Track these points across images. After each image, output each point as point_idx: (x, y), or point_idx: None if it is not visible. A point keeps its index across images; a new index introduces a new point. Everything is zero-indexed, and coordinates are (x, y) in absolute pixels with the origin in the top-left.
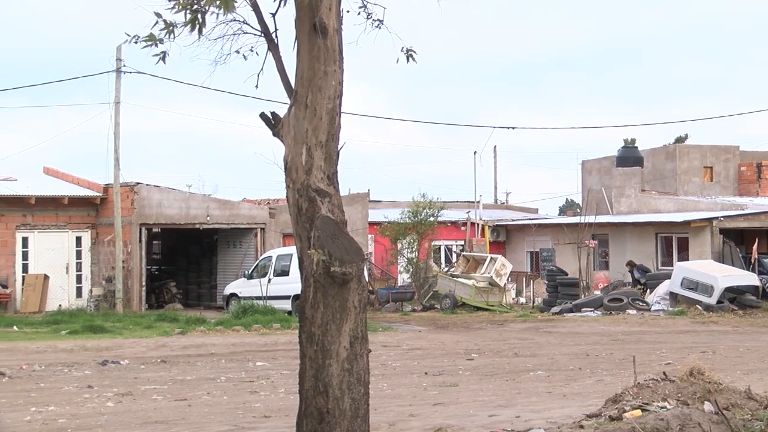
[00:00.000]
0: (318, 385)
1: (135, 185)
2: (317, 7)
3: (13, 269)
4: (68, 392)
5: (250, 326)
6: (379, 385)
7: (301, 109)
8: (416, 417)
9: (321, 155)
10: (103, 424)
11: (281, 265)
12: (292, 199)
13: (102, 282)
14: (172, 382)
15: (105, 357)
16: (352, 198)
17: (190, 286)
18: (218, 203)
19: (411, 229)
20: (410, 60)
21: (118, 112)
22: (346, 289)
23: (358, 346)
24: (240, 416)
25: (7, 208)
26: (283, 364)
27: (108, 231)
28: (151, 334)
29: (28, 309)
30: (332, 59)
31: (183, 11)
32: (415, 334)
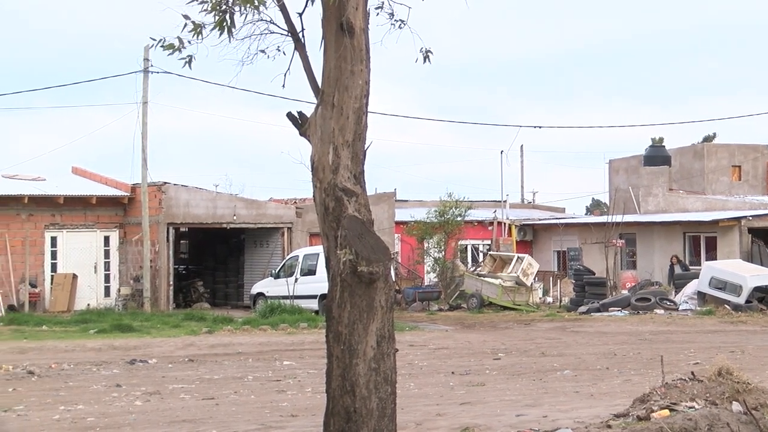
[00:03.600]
0: (345, 385)
1: (162, 185)
2: (344, 6)
3: (42, 268)
4: (97, 391)
5: (277, 325)
6: (406, 385)
7: (327, 109)
8: (443, 416)
9: (348, 154)
10: (131, 422)
11: (308, 264)
12: (319, 198)
13: (130, 281)
14: (200, 381)
15: (133, 356)
16: (378, 197)
17: (218, 285)
18: (245, 203)
19: (438, 229)
20: (427, 61)
21: (146, 112)
22: (373, 288)
23: (385, 345)
24: (267, 415)
25: (36, 207)
26: (310, 363)
27: (136, 230)
28: (179, 334)
29: (56, 308)
30: (359, 58)
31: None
32: (442, 334)
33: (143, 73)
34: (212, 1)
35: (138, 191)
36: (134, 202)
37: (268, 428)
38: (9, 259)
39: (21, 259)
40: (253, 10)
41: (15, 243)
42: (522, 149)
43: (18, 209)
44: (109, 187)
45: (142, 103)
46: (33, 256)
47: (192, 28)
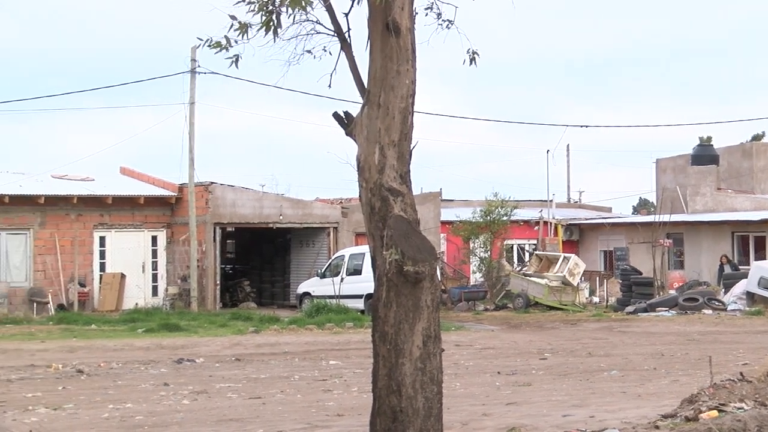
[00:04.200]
0: (391, 384)
1: (209, 185)
2: (390, 6)
3: (90, 268)
4: (145, 390)
5: (323, 325)
6: (452, 385)
7: (373, 109)
8: (489, 416)
9: (394, 154)
10: (179, 421)
11: (354, 264)
12: (365, 198)
13: (177, 281)
14: (247, 380)
15: (180, 355)
16: (424, 197)
17: (264, 284)
18: (291, 202)
19: (484, 228)
20: (473, 63)
21: (193, 113)
22: (419, 288)
23: (431, 345)
24: (313, 414)
25: (84, 207)
26: (356, 362)
27: (183, 230)
28: (226, 333)
29: (105, 307)
30: (405, 58)
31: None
32: (488, 334)
33: (190, 73)
34: (259, 2)
35: (185, 191)
36: (181, 202)
37: (315, 427)
38: (58, 258)
39: (70, 259)
40: (299, 10)
41: (64, 243)
42: (568, 148)
43: (67, 209)
44: (157, 188)
45: (189, 104)
46: (82, 255)
47: (238, 28)
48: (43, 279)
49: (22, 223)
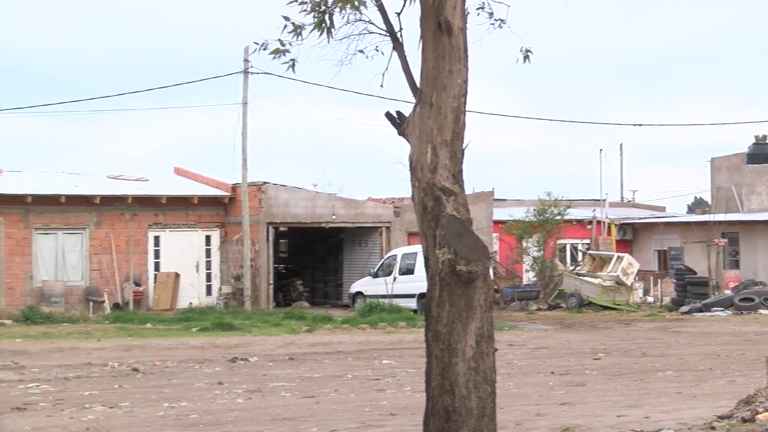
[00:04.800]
0: (444, 384)
1: (262, 185)
2: (442, 6)
3: (145, 267)
4: (199, 388)
5: (375, 324)
6: (505, 384)
7: (426, 108)
8: (543, 416)
9: (446, 154)
10: (233, 420)
11: (406, 263)
12: (417, 197)
13: (231, 280)
14: (300, 379)
15: (234, 354)
16: (476, 196)
17: (317, 284)
18: (343, 202)
19: (537, 228)
20: (527, 60)
21: (246, 113)
22: (472, 287)
23: (484, 344)
24: (367, 414)
25: (139, 207)
26: (409, 362)
27: (236, 230)
28: (279, 332)
29: (160, 306)
30: (457, 58)
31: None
32: (541, 333)
33: (243, 74)
34: (312, 2)
35: (238, 191)
36: (235, 202)
37: (368, 427)
38: (114, 258)
39: (125, 258)
40: (351, 10)
41: (119, 242)
42: (621, 147)
43: (122, 209)
44: (210, 187)
45: (242, 104)
46: (137, 255)
47: (292, 29)
48: (99, 278)
49: (79, 223)
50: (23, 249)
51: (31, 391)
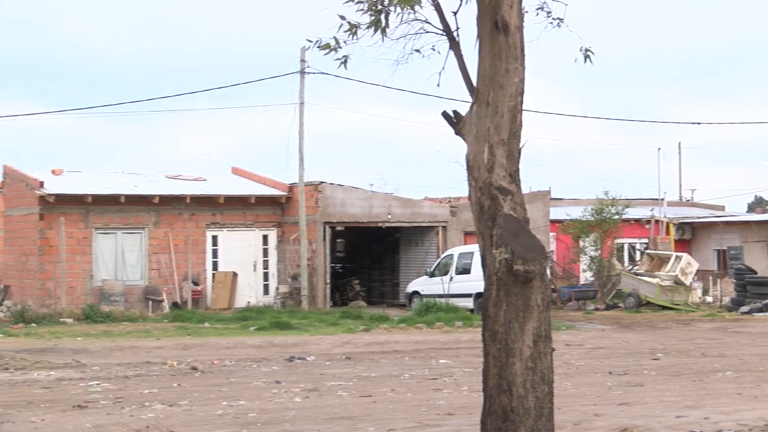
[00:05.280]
0: (502, 384)
1: (319, 184)
2: (499, 4)
3: (203, 267)
4: (257, 387)
5: (432, 324)
6: (563, 384)
7: (482, 107)
8: (601, 417)
9: (503, 153)
10: (290, 419)
11: (463, 263)
12: (474, 197)
13: (288, 279)
14: (357, 378)
15: (292, 353)
16: (533, 196)
17: (373, 283)
18: (400, 202)
19: (594, 227)
20: (588, 60)
21: (303, 113)
22: (529, 287)
23: (541, 344)
24: (424, 413)
25: (197, 207)
26: (465, 362)
27: (293, 229)
28: (336, 331)
29: (218, 305)
30: (514, 56)
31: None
32: (599, 333)
33: (300, 74)
34: (368, 1)
35: (295, 191)
36: (291, 202)
37: (425, 426)
38: (172, 257)
39: (184, 258)
40: (407, 9)
41: (178, 242)
42: (680, 146)
43: (180, 209)
44: (267, 187)
45: (299, 104)
46: (195, 254)
47: (347, 28)
48: (157, 277)
49: (138, 223)
50: (83, 248)
51: (92, 390)
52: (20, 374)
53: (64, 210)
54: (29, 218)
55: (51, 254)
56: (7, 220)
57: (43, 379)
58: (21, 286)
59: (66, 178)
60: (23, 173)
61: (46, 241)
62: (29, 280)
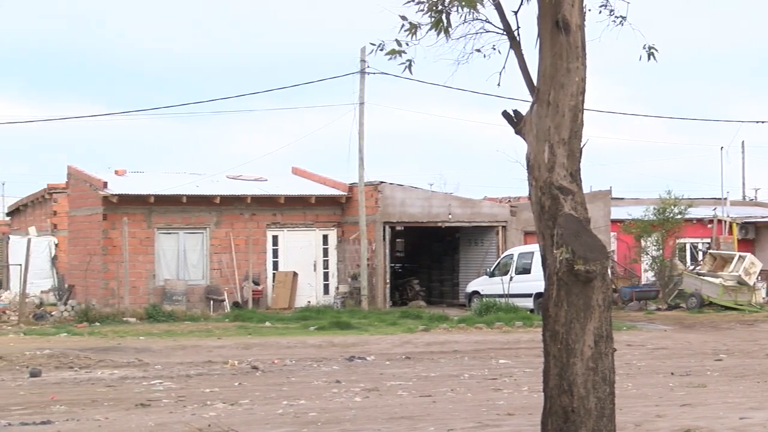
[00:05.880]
0: (562, 384)
1: (379, 184)
2: (560, 3)
3: (264, 267)
4: (317, 387)
5: (492, 324)
6: (624, 385)
7: (543, 107)
8: (663, 418)
9: (563, 152)
10: (351, 418)
11: (523, 263)
12: (534, 196)
13: (348, 279)
14: (417, 378)
15: (352, 353)
16: (593, 195)
17: (433, 283)
18: (459, 201)
19: (656, 227)
20: (651, 58)
21: (363, 113)
22: (590, 287)
23: (602, 344)
24: (484, 413)
25: (258, 207)
26: (526, 362)
27: (353, 229)
28: (396, 331)
29: (278, 305)
30: (575, 56)
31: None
32: (660, 334)
33: (360, 74)
34: (429, 2)
35: (355, 191)
36: (351, 202)
37: (485, 426)
38: (233, 257)
39: (244, 258)
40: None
41: (238, 242)
42: (743, 145)
43: (241, 209)
44: (327, 187)
45: (359, 104)
46: (255, 254)
47: (408, 28)
48: (219, 277)
49: (199, 223)
50: (146, 248)
51: (155, 388)
52: (84, 373)
53: (127, 210)
54: (93, 218)
55: (114, 254)
56: (72, 220)
57: (106, 377)
58: (85, 285)
59: (129, 178)
60: (87, 174)
61: (109, 241)
62: (93, 280)
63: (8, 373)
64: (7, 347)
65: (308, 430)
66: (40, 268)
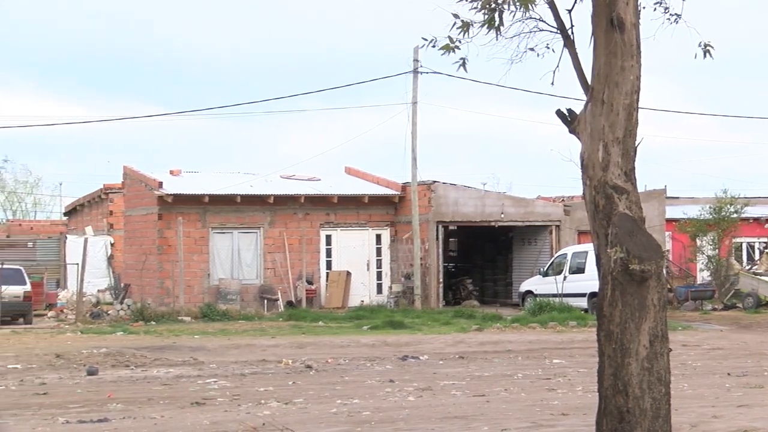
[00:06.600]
0: (617, 384)
1: (431, 184)
2: (614, 2)
3: (317, 266)
4: (371, 386)
5: (545, 323)
6: (680, 385)
7: (597, 106)
8: (719, 419)
9: (618, 151)
10: (404, 417)
11: (576, 262)
12: (588, 196)
13: (401, 279)
14: (470, 378)
15: (405, 352)
16: (648, 194)
17: (486, 283)
18: (512, 201)
19: (712, 226)
20: (707, 55)
21: (416, 112)
22: (645, 287)
23: (658, 344)
24: (538, 413)
25: (311, 207)
26: (580, 362)
27: (406, 229)
28: (449, 331)
29: (331, 304)
30: (629, 54)
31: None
32: (716, 334)
33: (413, 73)
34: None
35: (408, 190)
36: (404, 201)
37: (539, 426)
38: (287, 256)
39: (298, 257)
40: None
41: (292, 241)
42: None
43: (295, 209)
44: (380, 187)
45: (411, 104)
46: (309, 253)
47: (460, 26)
48: (272, 276)
49: (253, 222)
50: (201, 248)
51: (210, 387)
52: (140, 371)
53: (182, 210)
54: (148, 218)
55: (169, 253)
56: (128, 220)
57: (162, 376)
58: (141, 284)
59: (184, 178)
60: (143, 174)
61: (164, 240)
62: (149, 279)
63: (66, 372)
64: (65, 346)
65: (362, 429)
66: (97, 267)
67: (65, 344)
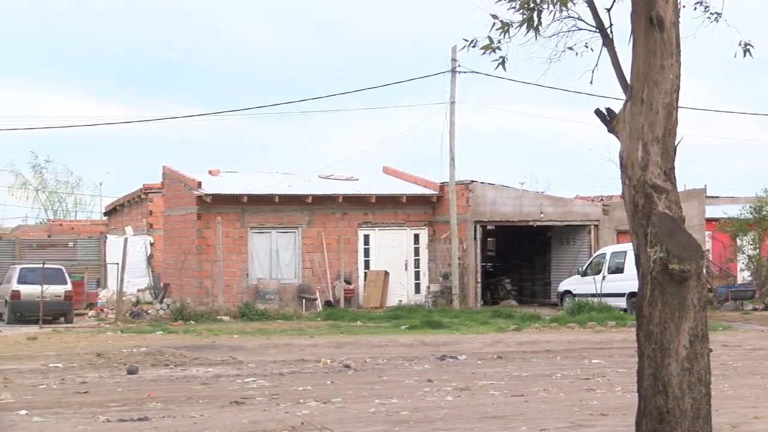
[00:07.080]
0: (657, 384)
1: (470, 183)
2: (654, 0)
3: (355, 266)
4: (409, 386)
5: (584, 323)
6: (720, 386)
7: (636, 105)
8: (760, 419)
9: (657, 151)
10: (442, 417)
11: (615, 262)
12: (627, 195)
13: (439, 278)
14: (509, 377)
15: (443, 352)
16: (688, 194)
17: (524, 282)
18: (551, 200)
19: (752, 226)
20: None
21: (453, 112)
22: (685, 286)
23: (698, 345)
24: (576, 413)
25: (349, 206)
26: (619, 362)
27: (444, 228)
28: (487, 330)
29: (369, 304)
30: (669, 53)
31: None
32: (757, 334)
33: (451, 73)
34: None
35: (446, 190)
36: (442, 201)
37: (578, 427)
38: (325, 256)
39: (336, 257)
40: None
41: (330, 241)
42: None
43: (333, 208)
44: (418, 186)
45: (449, 103)
46: (347, 253)
47: (500, 26)
48: (311, 276)
49: (291, 222)
50: (239, 248)
51: (249, 386)
52: (180, 370)
53: (220, 210)
54: (187, 218)
55: (208, 253)
56: (167, 219)
57: (201, 375)
58: (180, 284)
59: (222, 178)
60: (182, 174)
61: (203, 240)
62: (188, 279)
63: (106, 371)
64: (105, 345)
65: (400, 428)
66: (137, 267)
67: (105, 343)
